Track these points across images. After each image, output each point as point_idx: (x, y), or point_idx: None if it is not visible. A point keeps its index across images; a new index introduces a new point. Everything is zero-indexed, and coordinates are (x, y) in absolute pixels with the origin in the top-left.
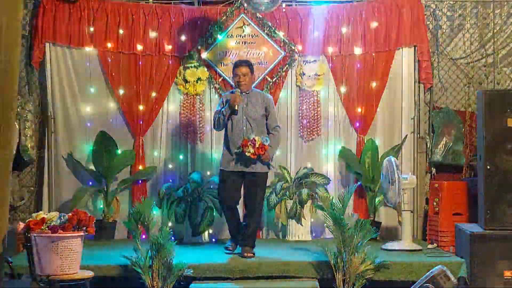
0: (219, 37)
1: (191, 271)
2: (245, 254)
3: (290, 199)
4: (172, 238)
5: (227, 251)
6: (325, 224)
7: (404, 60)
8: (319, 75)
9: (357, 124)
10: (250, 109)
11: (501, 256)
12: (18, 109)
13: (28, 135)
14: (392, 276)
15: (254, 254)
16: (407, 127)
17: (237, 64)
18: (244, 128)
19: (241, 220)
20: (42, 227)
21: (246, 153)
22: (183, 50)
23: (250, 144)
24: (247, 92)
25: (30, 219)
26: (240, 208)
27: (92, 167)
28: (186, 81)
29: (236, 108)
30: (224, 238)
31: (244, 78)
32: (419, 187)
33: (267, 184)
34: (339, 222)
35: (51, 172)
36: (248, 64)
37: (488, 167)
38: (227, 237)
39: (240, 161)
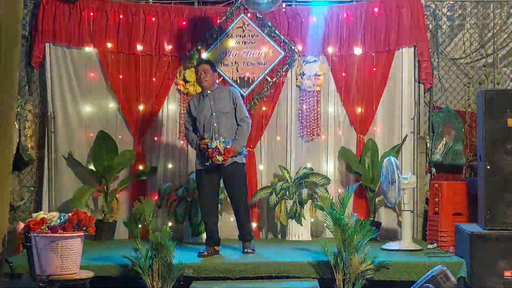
0: (219, 37)
1: (191, 271)
2: (246, 250)
3: (290, 199)
4: (172, 238)
5: (202, 257)
6: (325, 224)
7: (404, 60)
8: (319, 75)
9: (357, 124)
10: (218, 105)
11: (501, 256)
12: (18, 109)
13: (28, 135)
14: (392, 276)
15: (254, 250)
16: (407, 127)
17: (198, 63)
18: (215, 124)
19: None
20: (42, 227)
21: (217, 162)
22: (183, 50)
23: (216, 154)
24: (211, 90)
25: (30, 219)
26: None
27: (92, 167)
28: (186, 81)
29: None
30: (224, 238)
31: (205, 75)
32: (419, 187)
33: (267, 184)
34: (339, 222)
35: (51, 172)
36: (208, 62)
37: (488, 167)
38: (227, 236)
39: None
